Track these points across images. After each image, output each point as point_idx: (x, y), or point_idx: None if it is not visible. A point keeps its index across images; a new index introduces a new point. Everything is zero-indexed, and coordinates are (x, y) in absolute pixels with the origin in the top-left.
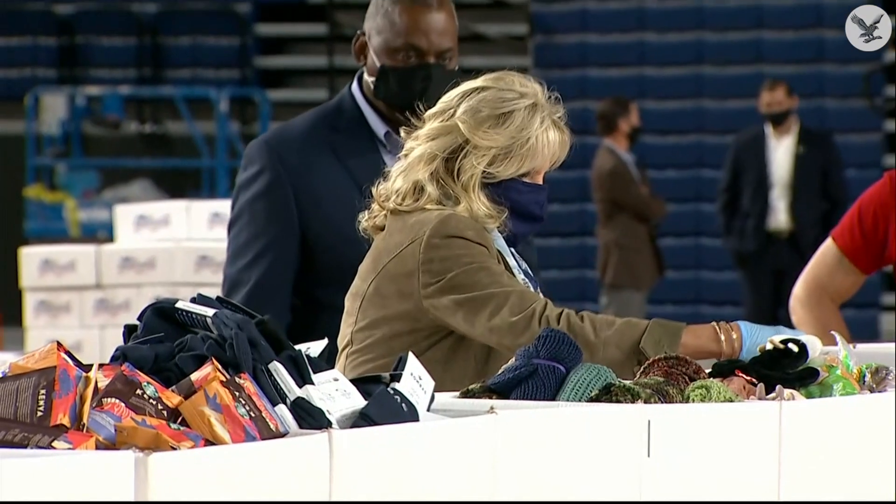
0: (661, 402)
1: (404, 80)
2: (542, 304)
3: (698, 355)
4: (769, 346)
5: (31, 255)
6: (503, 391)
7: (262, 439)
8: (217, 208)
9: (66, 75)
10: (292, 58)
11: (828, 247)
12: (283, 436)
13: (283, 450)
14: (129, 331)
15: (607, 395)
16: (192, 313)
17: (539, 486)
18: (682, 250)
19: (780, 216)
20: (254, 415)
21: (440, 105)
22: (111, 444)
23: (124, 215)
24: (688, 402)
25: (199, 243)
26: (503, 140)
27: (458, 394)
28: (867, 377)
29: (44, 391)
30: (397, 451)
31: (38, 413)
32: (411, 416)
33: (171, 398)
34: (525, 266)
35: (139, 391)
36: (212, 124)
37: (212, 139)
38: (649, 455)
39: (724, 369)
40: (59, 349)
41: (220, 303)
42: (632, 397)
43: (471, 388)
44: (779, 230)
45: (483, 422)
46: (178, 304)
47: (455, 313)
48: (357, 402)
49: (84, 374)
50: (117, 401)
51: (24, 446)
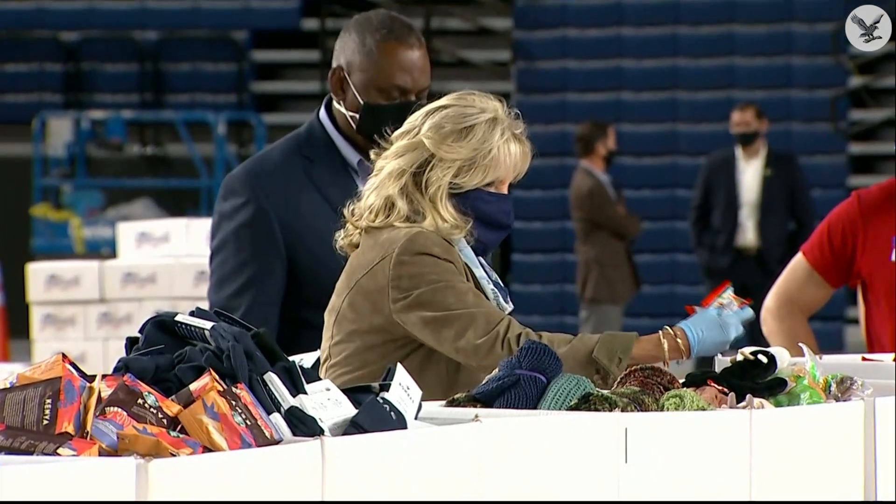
0: (638, 411)
1: (389, 118)
2: (505, 325)
3: (648, 361)
4: (740, 358)
5: (37, 271)
6: (487, 400)
7: (258, 446)
8: None
9: (72, 100)
10: (286, 83)
11: (798, 262)
12: (277, 443)
13: (277, 456)
14: (130, 343)
15: (586, 403)
16: (190, 326)
17: (521, 490)
18: (657, 266)
19: (749, 234)
20: (250, 423)
21: (406, 125)
22: (114, 451)
23: (127, 233)
24: (663, 410)
25: (198, 259)
26: (466, 152)
27: (444, 402)
28: (833, 387)
29: (49, 400)
30: (386, 457)
31: (44, 421)
32: (400, 423)
33: (171, 407)
34: (495, 277)
35: (140, 400)
36: (210, 146)
37: (210, 161)
38: (627, 461)
39: (698, 379)
40: (64, 360)
41: (218, 316)
42: (609, 406)
43: (456, 397)
44: (746, 247)
45: (468, 429)
46: (178, 318)
47: (423, 329)
48: (348, 410)
49: (88, 384)
50: (119, 410)
51: (31, 453)
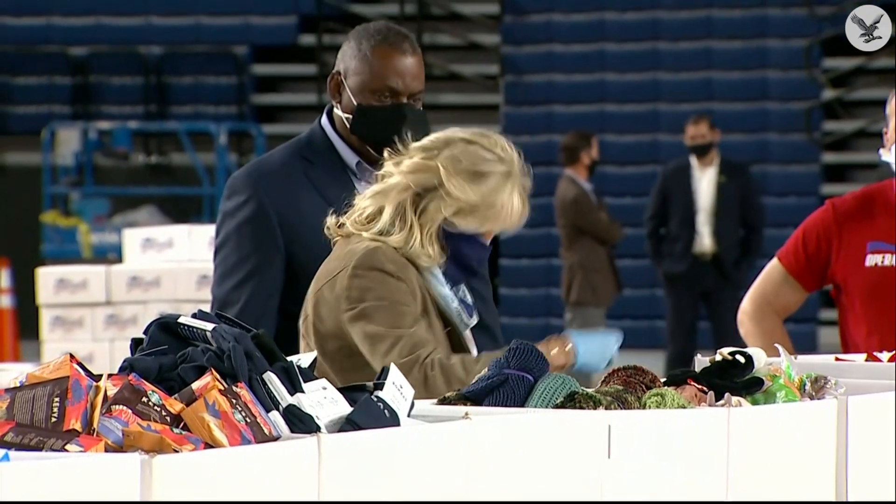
0: (621, 409)
1: (382, 119)
2: (428, 351)
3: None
4: (719, 358)
5: (47, 275)
6: (477, 398)
7: (257, 443)
8: None
9: (80, 112)
10: (285, 95)
11: (774, 266)
12: (276, 439)
13: (276, 452)
14: (135, 344)
15: (571, 402)
16: (193, 328)
17: (509, 485)
18: (638, 270)
19: (705, 240)
20: (249, 420)
21: (427, 142)
22: (119, 448)
23: (132, 238)
24: (645, 408)
25: (201, 264)
26: (473, 197)
27: (435, 401)
28: (808, 386)
29: (58, 399)
30: (381, 453)
31: (53, 419)
32: (393, 421)
33: (174, 405)
34: (463, 294)
35: (145, 399)
36: (212, 156)
37: (212, 169)
38: (610, 457)
39: (678, 379)
40: (71, 360)
41: (219, 318)
42: (594, 404)
43: (447, 395)
44: (703, 253)
45: (458, 427)
46: (181, 320)
47: (362, 341)
48: (344, 408)
49: (94, 383)
50: (125, 408)
51: (40, 449)
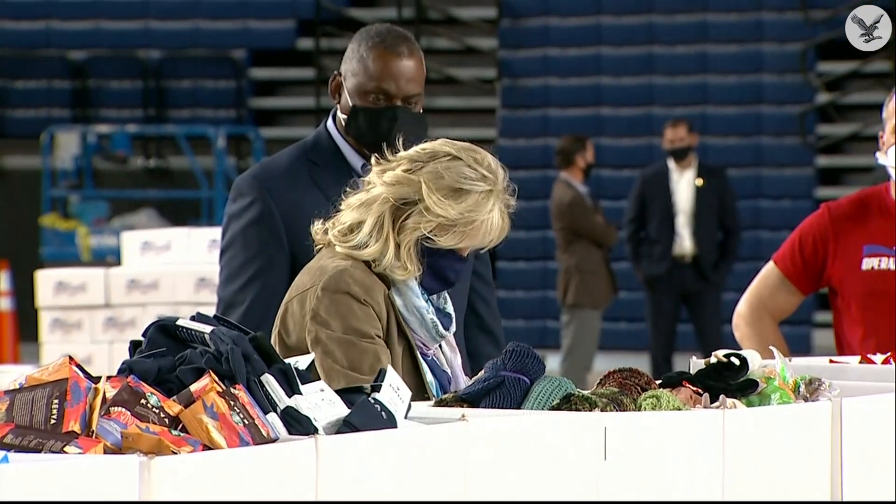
0: (617, 411)
1: (373, 120)
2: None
3: None
4: (714, 360)
5: (46, 278)
6: (473, 400)
7: (255, 444)
8: (215, 235)
9: (79, 115)
10: (283, 99)
11: (770, 270)
12: (273, 441)
13: (273, 454)
14: (134, 346)
15: (567, 404)
16: (191, 330)
17: (506, 486)
18: (634, 273)
19: (685, 242)
20: (247, 422)
21: (413, 153)
22: (118, 449)
23: (131, 241)
24: (640, 410)
25: (199, 267)
26: (452, 213)
27: (432, 403)
28: (802, 388)
29: (57, 401)
30: (378, 454)
31: (52, 421)
32: (390, 423)
33: (173, 407)
34: (443, 302)
35: (143, 401)
36: (210, 159)
37: (210, 173)
38: (606, 458)
39: (674, 380)
40: (70, 363)
41: (217, 320)
42: (590, 406)
43: (444, 397)
44: (683, 254)
45: (455, 428)
46: (179, 322)
47: (319, 367)
48: (341, 410)
49: (93, 385)
50: (123, 409)
51: (39, 451)
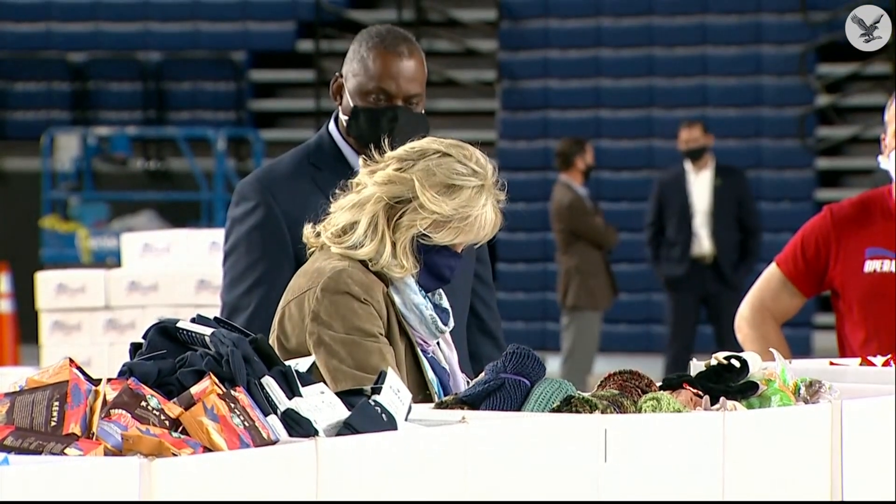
0: (617, 413)
1: (373, 120)
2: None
3: None
4: (714, 363)
5: (46, 280)
6: (473, 403)
7: (255, 446)
8: (215, 237)
9: (79, 117)
10: (283, 101)
11: (772, 272)
12: (274, 443)
13: (274, 456)
14: (134, 348)
15: (568, 406)
16: (191, 332)
17: (506, 489)
18: (634, 275)
19: (704, 242)
20: (247, 424)
21: (402, 152)
22: (118, 451)
23: (131, 243)
24: (640, 412)
25: (199, 269)
26: (446, 209)
27: (432, 405)
28: (802, 390)
29: (57, 403)
30: (378, 456)
31: (52, 423)
32: (390, 425)
33: (173, 409)
34: (439, 298)
35: (144, 403)
36: (210, 161)
37: (210, 175)
38: (606, 461)
39: (674, 383)
40: (71, 365)
41: (217, 322)
42: (590, 408)
43: (444, 399)
44: (702, 255)
45: (455, 430)
46: (180, 324)
47: (323, 369)
48: (341, 412)
49: (94, 387)
50: (124, 412)
51: (39, 453)
